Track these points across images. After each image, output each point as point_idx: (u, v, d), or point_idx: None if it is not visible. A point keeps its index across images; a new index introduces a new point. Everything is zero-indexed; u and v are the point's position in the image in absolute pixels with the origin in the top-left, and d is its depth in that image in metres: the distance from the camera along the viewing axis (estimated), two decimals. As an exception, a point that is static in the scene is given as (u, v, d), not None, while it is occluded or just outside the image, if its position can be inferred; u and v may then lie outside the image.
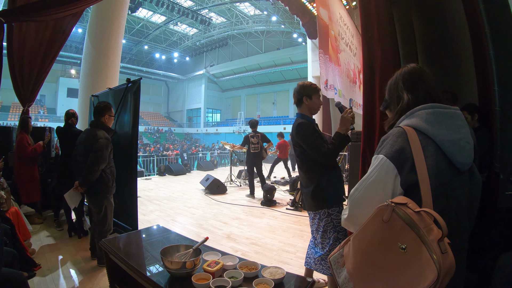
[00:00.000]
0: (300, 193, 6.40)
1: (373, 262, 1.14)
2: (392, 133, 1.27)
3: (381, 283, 1.10)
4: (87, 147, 3.48)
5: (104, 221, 3.63)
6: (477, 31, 3.02)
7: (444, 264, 0.98)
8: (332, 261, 1.35)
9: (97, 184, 3.53)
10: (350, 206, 1.32)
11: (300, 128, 2.67)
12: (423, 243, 1.02)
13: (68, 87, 32.20)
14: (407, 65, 1.45)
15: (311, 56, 15.81)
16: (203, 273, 1.90)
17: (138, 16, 27.68)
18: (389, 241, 1.10)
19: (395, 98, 1.42)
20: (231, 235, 4.83)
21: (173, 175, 12.46)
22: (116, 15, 7.33)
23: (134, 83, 4.33)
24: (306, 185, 2.72)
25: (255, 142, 7.80)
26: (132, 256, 2.36)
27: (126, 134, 4.37)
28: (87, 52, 7.29)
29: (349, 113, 2.63)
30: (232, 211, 6.41)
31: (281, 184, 9.59)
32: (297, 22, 21.62)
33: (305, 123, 2.69)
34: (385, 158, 1.22)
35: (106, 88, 5.31)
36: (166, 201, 7.46)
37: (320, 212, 2.66)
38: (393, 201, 1.12)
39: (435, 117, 1.23)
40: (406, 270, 1.04)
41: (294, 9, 13.67)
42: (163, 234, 2.96)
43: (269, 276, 1.89)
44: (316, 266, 2.75)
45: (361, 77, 10.01)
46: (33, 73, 5.25)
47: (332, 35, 6.83)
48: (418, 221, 1.05)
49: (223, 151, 21.03)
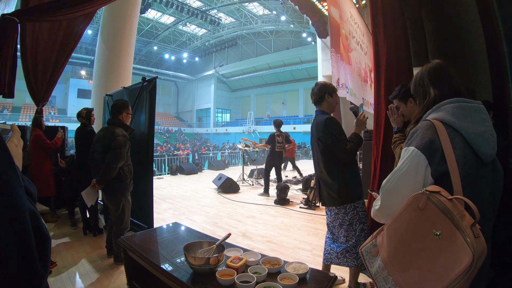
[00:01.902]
0: (313, 191, 6.37)
1: (409, 249, 1.18)
2: (421, 126, 1.33)
3: (416, 269, 1.15)
4: (105, 145, 3.48)
5: (122, 219, 3.64)
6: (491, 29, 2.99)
7: (477, 248, 1.03)
8: (364, 251, 1.39)
9: (115, 182, 3.53)
10: (383, 197, 1.36)
11: (330, 122, 2.72)
12: (457, 229, 1.07)
13: (78, 88, 32.74)
14: (432, 60, 1.50)
15: (321, 56, 15.73)
16: (226, 269, 1.89)
17: (147, 17, 27.89)
18: (424, 228, 1.15)
19: (421, 93, 1.48)
20: (246, 233, 4.84)
21: (185, 174, 12.52)
22: (128, 15, 7.39)
23: (149, 81, 4.35)
24: (330, 181, 2.72)
25: (280, 141, 7.84)
26: (152, 253, 2.37)
27: (142, 132, 4.40)
28: (100, 52, 7.35)
29: (363, 117, 2.77)
30: (246, 210, 6.42)
31: (293, 183, 9.57)
32: (306, 21, 21.61)
33: (334, 118, 2.77)
34: (416, 150, 1.27)
35: (120, 87, 5.34)
36: (180, 200, 7.50)
37: (346, 206, 2.70)
38: (427, 189, 1.17)
39: (461, 110, 1.29)
40: (441, 255, 1.09)
41: (304, 9, 13.64)
42: (181, 231, 2.97)
43: (292, 271, 1.89)
44: (339, 260, 2.76)
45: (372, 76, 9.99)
46: (47, 72, 5.31)
47: (343, 34, 6.81)
48: (452, 208, 1.10)
49: (233, 151, 21.08)
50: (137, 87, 4.65)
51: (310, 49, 27.10)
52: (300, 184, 9.10)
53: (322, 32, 14.55)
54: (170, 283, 1.97)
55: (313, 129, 2.87)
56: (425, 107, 1.43)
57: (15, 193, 0.48)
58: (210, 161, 15.91)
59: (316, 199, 6.47)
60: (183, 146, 26.20)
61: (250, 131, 32.93)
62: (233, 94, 41.73)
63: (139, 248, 2.43)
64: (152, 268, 2.18)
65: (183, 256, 2.22)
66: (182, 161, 15.57)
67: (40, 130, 5.15)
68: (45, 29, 5.06)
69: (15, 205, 0.47)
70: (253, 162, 12.45)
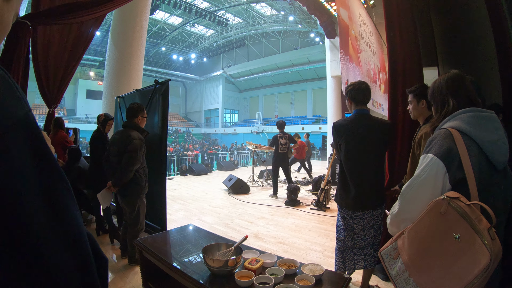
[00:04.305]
0: (324, 193, 6.39)
1: (429, 251, 1.26)
2: (439, 135, 1.40)
3: (437, 271, 1.22)
4: (121, 148, 3.52)
5: (137, 221, 3.69)
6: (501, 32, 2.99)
7: (494, 249, 1.11)
8: (384, 254, 1.47)
9: (130, 184, 3.57)
10: (402, 202, 1.44)
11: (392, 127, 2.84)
12: (475, 232, 1.15)
13: (87, 88, 33.09)
14: (450, 70, 1.57)
15: (330, 56, 15.73)
16: (244, 271, 1.94)
17: (155, 18, 28.00)
18: (444, 231, 1.22)
19: (439, 101, 1.55)
20: (258, 234, 4.88)
21: (194, 175, 12.58)
22: (138, 17, 7.45)
23: (162, 84, 4.41)
24: (375, 182, 2.70)
25: (284, 143, 7.79)
26: (169, 255, 2.42)
27: (155, 135, 4.45)
28: (111, 54, 7.42)
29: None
30: (257, 211, 6.46)
31: (303, 184, 9.59)
32: (314, 21, 21.54)
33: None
34: (435, 157, 1.34)
35: (132, 89, 5.40)
36: (191, 201, 7.57)
37: (382, 206, 2.75)
38: (447, 195, 1.25)
39: (476, 120, 1.36)
40: (460, 257, 1.17)
41: (312, 9, 13.65)
42: (196, 233, 3.02)
43: (308, 272, 1.94)
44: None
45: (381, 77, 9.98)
46: (58, 75, 5.36)
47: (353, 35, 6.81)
48: (470, 213, 1.18)
49: (242, 151, 21.11)
50: (149, 89, 4.71)
51: (318, 49, 27.02)
52: (310, 185, 9.11)
53: (330, 32, 14.55)
54: (188, 284, 2.01)
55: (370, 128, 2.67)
56: (443, 116, 1.50)
57: (75, 219, 0.46)
58: (219, 162, 15.97)
59: (327, 200, 6.49)
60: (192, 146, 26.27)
61: (258, 132, 32.95)
62: (241, 94, 41.77)
63: (156, 250, 2.48)
64: (169, 270, 2.22)
65: (199, 258, 2.28)
66: (191, 162, 15.66)
67: (63, 131, 5.24)
68: (56, 32, 5.13)
69: (75, 231, 0.46)
70: (263, 163, 12.47)
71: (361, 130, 2.63)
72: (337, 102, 15.34)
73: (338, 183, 2.83)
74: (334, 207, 6.08)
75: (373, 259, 2.75)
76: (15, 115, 0.41)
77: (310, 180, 9.78)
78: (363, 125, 2.64)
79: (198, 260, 2.26)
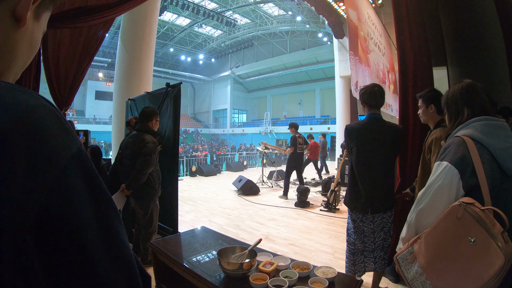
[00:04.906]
0: (334, 194, 6.41)
1: (446, 255, 1.31)
2: (453, 142, 1.45)
3: (453, 273, 1.28)
4: (135, 151, 3.55)
5: (150, 223, 3.74)
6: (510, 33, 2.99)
7: (508, 252, 1.17)
8: (400, 259, 1.52)
9: (144, 187, 3.62)
10: (419, 209, 1.49)
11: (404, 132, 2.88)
12: (490, 236, 1.20)
13: (96, 89, 33.57)
14: (463, 80, 1.62)
15: (338, 56, 15.70)
16: (259, 274, 1.98)
17: (163, 20, 28.07)
18: (460, 235, 1.28)
19: (453, 110, 1.60)
20: (269, 236, 4.92)
21: (204, 175, 12.62)
22: (148, 19, 7.52)
23: (174, 87, 4.46)
24: (385, 186, 2.71)
25: (301, 143, 7.80)
26: (183, 257, 2.45)
27: (167, 137, 4.51)
28: (121, 56, 7.50)
29: None
30: (267, 212, 6.50)
31: (312, 185, 9.60)
32: (322, 21, 21.51)
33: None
34: (450, 165, 1.40)
35: (142, 91, 5.45)
36: (201, 202, 7.63)
37: (392, 209, 2.76)
38: (463, 201, 1.30)
39: (488, 128, 1.42)
40: (476, 260, 1.23)
41: (320, 9, 13.63)
42: (209, 235, 3.04)
43: (321, 275, 1.97)
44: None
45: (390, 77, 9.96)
46: (69, 77, 5.40)
47: (362, 35, 6.82)
48: (485, 217, 1.24)
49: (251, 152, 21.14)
50: (161, 92, 4.77)
51: (326, 49, 26.93)
52: (319, 186, 9.12)
53: (338, 32, 14.53)
54: (202, 286, 2.05)
55: (382, 132, 2.68)
56: (456, 124, 1.55)
57: (124, 243, 0.50)
58: (228, 163, 16.03)
59: (336, 202, 6.51)
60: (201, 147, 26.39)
61: (266, 132, 32.95)
62: (250, 94, 41.79)
63: (170, 252, 2.51)
64: (184, 272, 2.26)
65: (213, 260, 2.32)
66: (201, 162, 15.73)
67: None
68: (66, 35, 5.17)
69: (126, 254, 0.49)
70: (272, 164, 12.49)
71: (373, 134, 2.66)
72: (346, 102, 15.30)
73: (348, 186, 2.85)
74: (344, 209, 6.08)
75: (383, 262, 2.77)
76: (70, 150, 0.45)
77: (320, 181, 9.78)
78: (375, 129, 2.66)
79: (212, 262, 2.30)
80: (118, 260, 0.48)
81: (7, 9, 0.49)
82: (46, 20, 0.59)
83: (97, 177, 0.48)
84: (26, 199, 0.39)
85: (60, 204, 0.42)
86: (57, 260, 0.41)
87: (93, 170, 0.48)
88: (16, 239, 0.38)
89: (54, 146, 0.43)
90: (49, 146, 0.42)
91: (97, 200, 0.47)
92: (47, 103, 0.46)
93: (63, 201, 0.42)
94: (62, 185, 0.42)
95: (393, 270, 3.23)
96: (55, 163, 0.42)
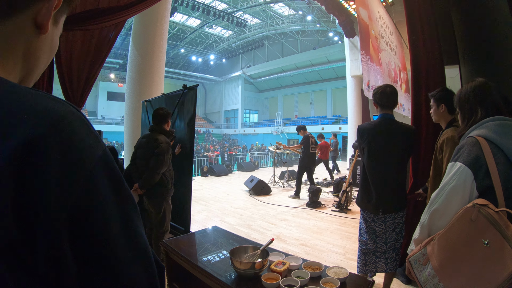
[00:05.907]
0: (345, 194, 6.39)
1: (460, 257, 1.30)
2: (466, 143, 1.43)
3: (467, 276, 1.27)
4: (148, 151, 3.60)
5: (163, 222, 3.79)
6: None
7: None
8: (413, 260, 1.51)
9: (157, 187, 3.66)
10: (432, 210, 1.47)
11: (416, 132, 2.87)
12: (504, 238, 1.19)
13: (108, 90, 34.03)
14: (475, 79, 1.59)
15: (349, 55, 15.58)
16: (271, 273, 2.00)
17: (173, 21, 28.19)
18: (474, 237, 1.26)
19: (466, 110, 1.58)
20: (280, 236, 4.93)
21: (215, 175, 12.69)
22: (159, 21, 7.57)
23: (190, 89, 4.50)
24: (397, 187, 2.71)
25: (314, 143, 7.82)
26: (195, 256, 2.48)
27: (183, 139, 4.55)
28: (132, 58, 7.54)
29: None
30: (278, 212, 6.52)
31: (324, 185, 9.57)
32: (332, 20, 21.39)
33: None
34: (464, 166, 1.38)
35: (155, 92, 5.49)
36: (213, 202, 7.69)
37: (404, 210, 2.75)
38: (477, 202, 1.28)
39: (502, 128, 1.39)
40: (489, 262, 1.21)
41: (330, 8, 13.56)
42: (221, 235, 3.07)
43: (333, 275, 1.98)
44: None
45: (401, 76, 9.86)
46: (82, 80, 5.46)
47: (373, 34, 6.77)
48: (499, 219, 1.23)
49: (262, 152, 21.15)
50: (177, 94, 4.81)
51: (337, 49, 26.77)
52: (331, 186, 9.09)
53: (349, 31, 14.42)
54: (215, 285, 2.07)
55: (394, 133, 2.68)
56: (470, 124, 1.53)
57: (143, 237, 0.53)
58: (239, 163, 16.07)
59: (348, 202, 6.48)
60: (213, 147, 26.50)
61: (278, 132, 32.91)
62: (261, 94, 41.75)
63: (182, 252, 2.54)
64: (196, 271, 2.28)
65: (224, 260, 2.34)
66: (212, 163, 15.80)
67: None
68: (79, 37, 5.24)
69: (144, 249, 0.52)
70: (284, 164, 12.48)
71: (384, 134, 2.66)
72: (357, 102, 15.17)
73: (360, 186, 2.85)
74: (356, 209, 6.06)
75: (394, 263, 2.76)
76: (97, 152, 0.48)
77: (331, 181, 9.75)
78: (387, 130, 2.66)
79: (223, 262, 2.32)
80: (136, 250, 0.51)
81: (29, 18, 0.52)
82: (63, 22, 0.61)
83: (119, 176, 0.52)
84: (61, 196, 0.43)
85: (88, 202, 0.46)
86: (85, 252, 0.45)
87: (117, 169, 0.52)
88: (52, 231, 0.42)
89: (83, 148, 0.47)
90: (79, 149, 0.46)
91: (120, 197, 0.51)
92: (75, 109, 0.50)
93: (92, 198, 0.46)
94: (90, 184, 0.46)
95: (405, 272, 3.22)
96: (85, 164, 0.46)
